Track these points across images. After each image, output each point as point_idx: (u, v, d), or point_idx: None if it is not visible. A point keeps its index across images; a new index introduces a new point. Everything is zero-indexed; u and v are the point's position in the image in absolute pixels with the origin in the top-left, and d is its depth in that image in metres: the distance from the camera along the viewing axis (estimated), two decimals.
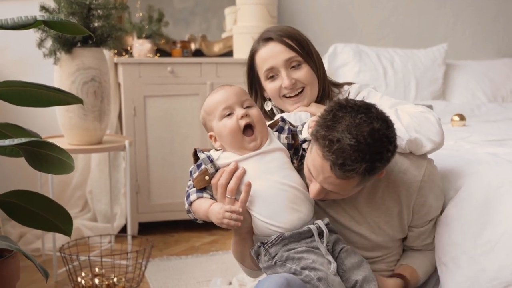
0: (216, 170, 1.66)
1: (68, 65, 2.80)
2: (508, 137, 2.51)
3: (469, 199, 1.81)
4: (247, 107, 1.66)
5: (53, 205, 1.70)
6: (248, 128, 1.64)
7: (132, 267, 2.80)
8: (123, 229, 3.47)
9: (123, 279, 2.69)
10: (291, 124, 1.73)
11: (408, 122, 1.76)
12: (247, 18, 3.68)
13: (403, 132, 1.73)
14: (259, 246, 1.66)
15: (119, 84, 3.54)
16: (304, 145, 1.71)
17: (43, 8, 2.77)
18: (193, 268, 2.96)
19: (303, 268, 1.59)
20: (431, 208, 1.81)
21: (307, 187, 1.66)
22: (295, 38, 1.91)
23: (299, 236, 1.62)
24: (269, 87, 1.93)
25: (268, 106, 2.03)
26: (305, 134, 1.70)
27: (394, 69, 3.90)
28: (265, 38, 1.92)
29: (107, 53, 3.28)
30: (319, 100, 1.98)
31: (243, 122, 1.63)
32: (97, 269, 2.73)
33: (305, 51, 1.92)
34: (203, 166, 1.65)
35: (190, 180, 1.70)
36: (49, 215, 1.69)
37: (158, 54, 3.66)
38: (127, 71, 3.41)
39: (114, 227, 3.40)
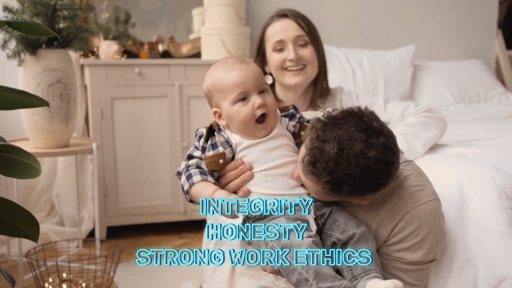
0: (233, 157, 1.57)
1: (33, 67, 2.73)
2: (476, 138, 2.53)
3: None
4: (262, 92, 1.56)
5: (18, 209, 1.66)
6: (261, 116, 1.54)
7: (101, 272, 2.76)
8: (91, 233, 3.43)
9: (92, 284, 2.65)
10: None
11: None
12: (215, 19, 3.66)
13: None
14: (244, 220, 1.59)
15: (85, 86, 3.49)
16: None
17: (6, 8, 2.70)
18: (163, 271, 2.93)
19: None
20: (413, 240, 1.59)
21: None
22: (306, 21, 2.13)
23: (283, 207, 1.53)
24: (275, 57, 2.11)
25: (269, 80, 2.17)
26: None
27: (362, 70, 3.92)
28: (280, 15, 2.12)
29: (73, 55, 3.23)
30: (319, 93, 2.19)
31: (259, 112, 1.52)
32: (65, 275, 2.69)
33: (312, 34, 2.13)
34: (221, 149, 1.55)
35: (186, 161, 1.59)
36: (14, 220, 1.65)
37: (125, 56, 3.62)
38: (94, 73, 3.35)
39: (81, 231, 3.35)
